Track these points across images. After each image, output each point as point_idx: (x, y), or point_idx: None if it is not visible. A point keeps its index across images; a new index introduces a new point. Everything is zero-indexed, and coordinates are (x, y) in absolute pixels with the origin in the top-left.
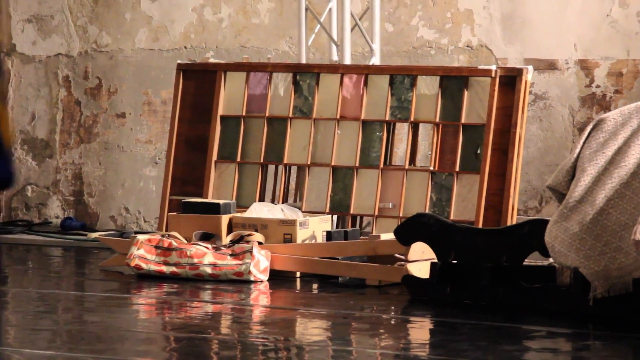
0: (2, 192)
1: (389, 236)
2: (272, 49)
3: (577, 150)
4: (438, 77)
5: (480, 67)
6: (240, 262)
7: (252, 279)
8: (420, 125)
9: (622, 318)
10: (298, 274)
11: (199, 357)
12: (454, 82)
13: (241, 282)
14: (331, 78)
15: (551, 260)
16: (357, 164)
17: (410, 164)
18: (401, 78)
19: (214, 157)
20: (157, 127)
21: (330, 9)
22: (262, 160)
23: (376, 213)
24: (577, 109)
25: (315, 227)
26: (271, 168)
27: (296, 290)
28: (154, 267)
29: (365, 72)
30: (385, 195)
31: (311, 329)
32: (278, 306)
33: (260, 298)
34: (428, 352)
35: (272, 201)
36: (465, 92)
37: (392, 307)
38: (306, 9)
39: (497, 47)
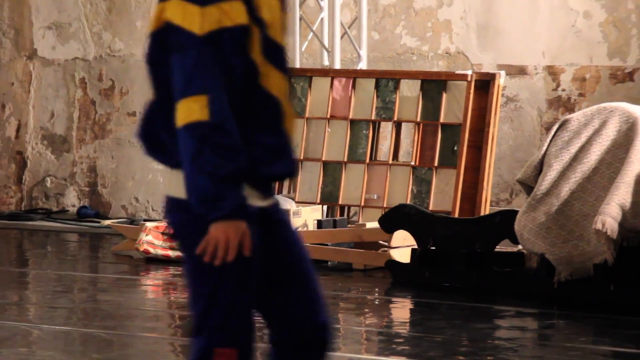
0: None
1: (374, 225)
2: None
3: (544, 148)
4: (419, 81)
5: (457, 72)
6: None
7: None
8: (403, 124)
9: (583, 300)
10: None
11: None
12: (433, 85)
13: None
14: (322, 81)
15: (520, 247)
16: (345, 159)
17: (393, 160)
18: (386, 81)
19: None
20: None
21: (322, 19)
22: None
23: (362, 204)
24: (544, 111)
25: (307, 216)
26: None
27: None
28: (160, 252)
29: (353, 75)
30: (370, 188)
31: None
32: None
33: None
34: (408, 329)
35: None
36: (444, 95)
37: (376, 289)
38: (300, 18)
39: (473, 54)
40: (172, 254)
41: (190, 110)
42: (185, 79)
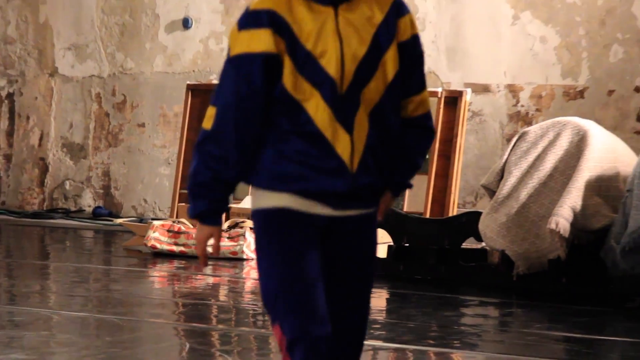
0: None
1: None
2: None
3: (505, 157)
4: None
5: (428, 89)
6: (235, 243)
7: (244, 257)
8: None
9: (539, 291)
10: None
11: (202, 319)
12: None
13: (236, 259)
14: None
15: (483, 244)
16: None
17: None
18: None
19: None
20: (170, 134)
21: None
22: None
23: None
24: (505, 124)
25: None
26: None
27: None
28: (166, 247)
29: None
30: None
31: None
32: None
33: (251, 272)
34: (384, 316)
35: None
36: None
37: None
38: None
39: (443, 73)
40: (176, 249)
41: (206, 118)
42: (213, 92)
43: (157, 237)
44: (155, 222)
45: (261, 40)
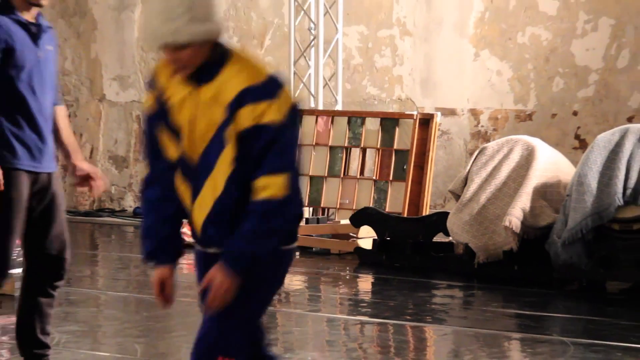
0: None
1: (346, 221)
2: None
3: (468, 167)
4: (379, 119)
5: (406, 112)
6: None
7: None
8: (367, 149)
9: (495, 276)
10: None
11: None
12: (389, 122)
13: None
14: (309, 118)
15: (450, 238)
16: (325, 174)
17: (360, 175)
18: (355, 119)
19: None
20: None
21: (309, 74)
22: None
23: (338, 206)
24: (468, 141)
25: None
26: None
27: None
28: (190, 240)
29: (331, 114)
30: (344, 195)
31: (295, 281)
32: None
33: None
34: (370, 296)
35: None
36: (397, 129)
37: (347, 268)
38: (294, 73)
39: (417, 99)
40: None
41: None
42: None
43: (186, 231)
44: (184, 220)
45: (147, 100)
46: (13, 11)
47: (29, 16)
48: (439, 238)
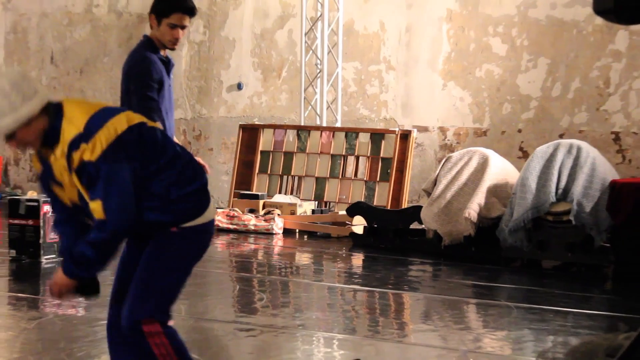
0: None
1: (343, 212)
2: (287, 117)
3: (437, 171)
4: (369, 134)
5: (390, 129)
6: (268, 224)
7: (274, 232)
8: (360, 157)
9: (457, 255)
10: (297, 230)
11: (246, 270)
12: (377, 136)
13: (269, 234)
14: (316, 133)
15: (423, 226)
16: (328, 176)
17: (354, 176)
18: (351, 134)
19: (256, 170)
20: (228, 156)
21: (316, 99)
22: (280, 173)
23: (337, 200)
24: (437, 151)
25: (307, 207)
26: (285, 177)
27: (296, 238)
28: (225, 225)
29: (332, 130)
30: (341, 192)
31: (303, 258)
32: (287, 246)
33: (278, 242)
34: (361, 270)
35: (285, 194)
36: (383, 141)
37: (344, 248)
38: (304, 98)
39: (399, 119)
40: (231, 227)
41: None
42: None
43: (220, 219)
44: (219, 210)
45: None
46: (157, 50)
47: (163, 53)
48: (415, 226)
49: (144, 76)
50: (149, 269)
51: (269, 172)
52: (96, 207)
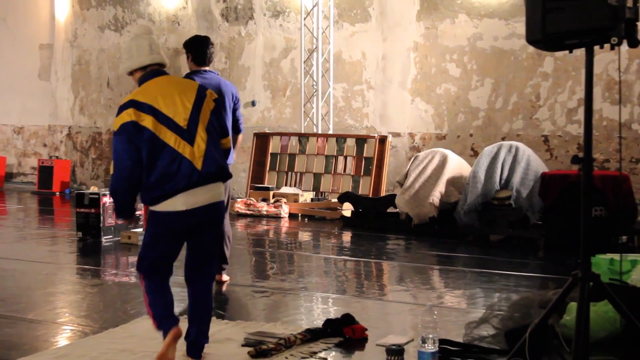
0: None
1: (335, 200)
2: (290, 127)
3: (408, 167)
4: (355, 139)
5: (370, 135)
6: (277, 209)
7: (281, 216)
8: (347, 157)
9: (424, 232)
10: (299, 214)
11: (261, 246)
12: (361, 140)
13: (277, 218)
14: (313, 139)
15: (397, 210)
16: (323, 172)
17: (343, 172)
18: (340, 139)
19: (267, 168)
20: (245, 157)
21: (313, 112)
22: (286, 170)
23: (330, 191)
24: (407, 152)
25: (307, 196)
26: (289, 173)
27: (298, 221)
28: (243, 212)
29: (326, 136)
30: (333, 184)
31: (304, 236)
32: (291, 227)
33: (284, 224)
34: (349, 245)
35: (290, 186)
36: (365, 144)
37: (336, 228)
38: (304, 112)
39: (378, 127)
40: (248, 212)
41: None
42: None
43: (239, 207)
44: (238, 199)
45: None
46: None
47: None
48: (391, 210)
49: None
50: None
51: (277, 169)
52: (110, 167)
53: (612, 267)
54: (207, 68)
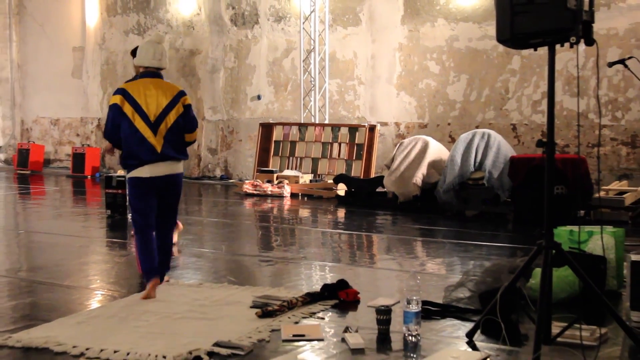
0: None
1: (331, 181)
2: (291, 117)
3: (394, 152)
4: (348, 127)
5: (361, 124)
6: (280, 190)
7: (284, 196)
8: (342, 143)
9: (408, 209)
10: (300, 194)
11: (266, 221)
12: (353, 129)
13: (280, 197)
14: (311, 127)
15: (385, 189)
16: (320, 156)
17: (338, 157)
18: (336, 127)
19: (272, 154)
20: (252, 144)
21: (311, 105)
22: (288, 155)
23: (327, 173)
24: (394, 138)
25: (306, 178)
26: (290, 158)
27: (299, 199)
28: (250, 192)
29: (323, 126)
30: (329, 167)
31: (304, 212)
32: (293, 205)
33: (287, 202)
34: (343, 220)
35: (291, 169)
36: (357, 133)
37: (331, 205)
38: (303, 105)
39: (368, 117)
40: (255, 192)
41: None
42: (195, 121)
43: (247, 187)
44: (246, 181)
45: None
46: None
47: None
48: (379, 189)
49: None
50: None
51: (280, 154)
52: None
53: (571, 237)
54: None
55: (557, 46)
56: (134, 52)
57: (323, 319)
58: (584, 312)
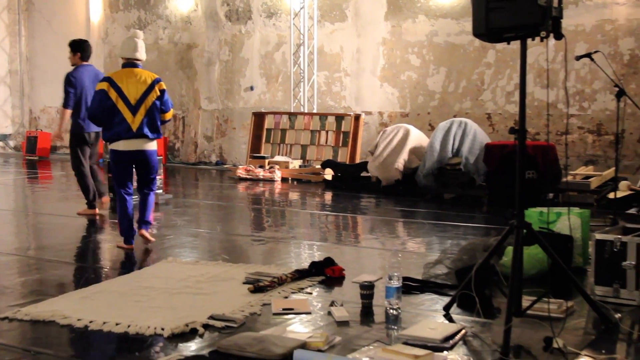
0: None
1: (318, 166)
2: (282, 107)
3: (377, 139)
4: (335, 116)
5: (347, 113)
6: (271, 174)
7: (275, 180)
8: (329, 131)
9: (391, 192)
10: (290, 178)
11: (258, 203)
12: (339, 118)
13: (271, 181)
14: (301, 116)
15: (370, 174)
16: (309, 143)
17: (325, 143)
18: (323, 116)
19: (263, 141)
20: (245, 132)
21: (300, 96)
22: (278, 142)
23: (315, 159)
24: (377, 126)
25: (295, 163)
26: (281, 145)
27: (289, 183)
28: (244, 176)
29: (312, 115)
30: (317, 153)
31: (293, 195)
32: (283, 189)
33: (277, 186)
34: (330, 202)
35: (282, 155)
36: (343, 121)
37: (319, 189)
38: (293, 96)
39: (353, 107)
40: (248, 177)
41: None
42: (170, 103)
43: (240, 172)
44: (240, 166)
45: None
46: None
47: None
48: (364, 174)
49: None
50: None
51: (271, 141)
52: None
53: (541, 218)
54: (88, 63)
55: (529, 40)
56: (71, 45)
57: (311, 293)
58: (552, 287)
